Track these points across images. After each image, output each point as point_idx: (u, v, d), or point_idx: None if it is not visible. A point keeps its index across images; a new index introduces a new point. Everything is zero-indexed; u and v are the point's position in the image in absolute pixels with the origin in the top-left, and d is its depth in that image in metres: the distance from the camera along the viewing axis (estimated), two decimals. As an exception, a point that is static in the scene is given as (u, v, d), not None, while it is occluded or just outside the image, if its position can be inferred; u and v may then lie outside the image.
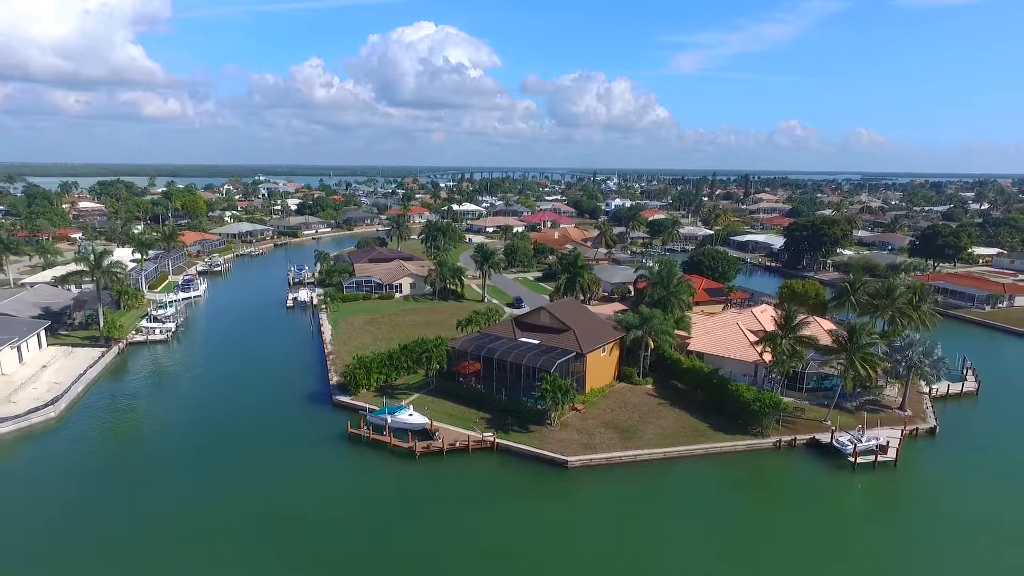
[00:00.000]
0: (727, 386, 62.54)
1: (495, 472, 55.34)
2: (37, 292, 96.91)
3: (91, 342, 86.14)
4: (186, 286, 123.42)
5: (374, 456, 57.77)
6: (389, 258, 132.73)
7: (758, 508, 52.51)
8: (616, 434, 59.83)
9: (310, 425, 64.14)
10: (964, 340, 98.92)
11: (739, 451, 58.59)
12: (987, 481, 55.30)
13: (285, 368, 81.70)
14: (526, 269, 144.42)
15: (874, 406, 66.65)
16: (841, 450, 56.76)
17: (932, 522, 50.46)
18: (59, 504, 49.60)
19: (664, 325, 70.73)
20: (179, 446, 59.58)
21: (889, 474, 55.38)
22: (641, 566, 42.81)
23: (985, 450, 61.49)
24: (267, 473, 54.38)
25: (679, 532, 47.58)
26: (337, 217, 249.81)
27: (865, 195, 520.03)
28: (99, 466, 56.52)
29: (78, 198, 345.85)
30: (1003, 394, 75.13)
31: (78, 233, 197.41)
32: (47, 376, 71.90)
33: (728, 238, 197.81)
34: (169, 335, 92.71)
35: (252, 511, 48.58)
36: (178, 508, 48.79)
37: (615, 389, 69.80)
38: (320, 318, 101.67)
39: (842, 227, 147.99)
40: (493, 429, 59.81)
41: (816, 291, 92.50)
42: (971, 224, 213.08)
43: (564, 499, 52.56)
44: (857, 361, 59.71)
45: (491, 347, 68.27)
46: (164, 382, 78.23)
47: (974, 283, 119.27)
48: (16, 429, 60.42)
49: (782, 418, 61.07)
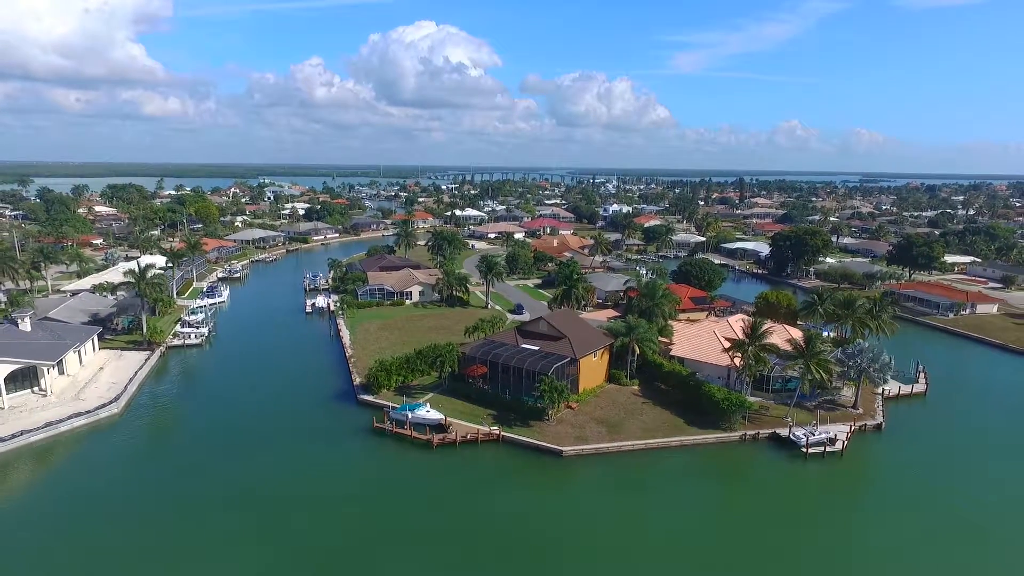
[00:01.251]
0: (701, 387, 72.19)
1: (500, 460, 64.98)
2: (82, 299, 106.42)
3: (135, 346, 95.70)
4: (211, 292, 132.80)
5: (397, 447, 67.35)
6: (399, 266, 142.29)
7: (724, 491, 62.30)
8: (604, 428, 69.46)
9: (338, 420, 73.70)
10: (926, 345, 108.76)
11: (710, 443, 68.24)
12: (922, 469, 65.04)
13: (310, 369, 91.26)
14: (526, 276, 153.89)
15: (831, 405, 76.26)
16: (796, 442, 66.40)
17: (868, 502, 60.12)
18: (133, 482, 59.22)
19: (648, 333, 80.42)
20: (223, 437, 68.99)
21: (835, 463, 65.05)
22: (626, 539, 52.30)
23: (925, 443, 71.28)
24: (303, 460, 63.91)
25: (658, 511, 57.14)
26: (344, 223, 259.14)
27: (859, 198, 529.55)
28: (158, 453, 66.26)
29: (90, 201, 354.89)
30: (950, 395, 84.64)
31: (99, 239, 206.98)
32: (105, 377, 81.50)
33: (719, 245, 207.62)
34: (203, 339, 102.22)
35: (292, 492, 57.91)
36: (227, 488, 58.23)
37: (605, 390, 79.41)
38: (338, 323, 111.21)
39: (823, 238, 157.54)
40: (499, 424, 69.39)
41: (788, 301, 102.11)
42: (953, 232, 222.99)
43: (559, 483, 62.14)
44: (812, 366, 69.43)
45: (496, 352, 77.93)
46: (204, 382, 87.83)
47: (940, 292, 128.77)
48: (88, 423, 69.98)
49: (748, 415, 70.73)
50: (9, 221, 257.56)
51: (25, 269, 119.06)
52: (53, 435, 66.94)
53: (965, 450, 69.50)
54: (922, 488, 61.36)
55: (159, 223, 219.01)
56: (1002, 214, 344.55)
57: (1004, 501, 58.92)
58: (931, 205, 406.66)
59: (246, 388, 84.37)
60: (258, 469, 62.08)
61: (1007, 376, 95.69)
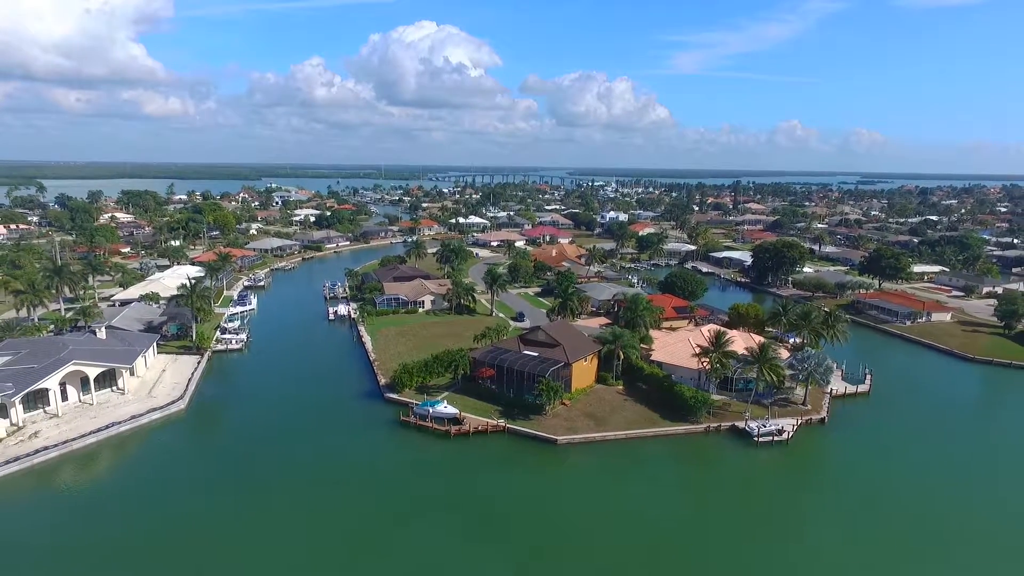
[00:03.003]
0: (673, 387, 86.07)
1: (505, 447, 78.86)
2: (135, 309, 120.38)
3: (185, 351, 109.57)
4: (241, 300, 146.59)
5: (420, 436, 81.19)
6: (411, 276, 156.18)
7: (690, 472, 76.32)
8: (592, 421, 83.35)
9: (369, 415, 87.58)
10: (882, 350, 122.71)
11: (680, 434, 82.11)
12: (854, 456, 78.94)
13: (338, 371, 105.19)
14: (527, 285, 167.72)
15: (784, 402, 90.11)
16: (750, 433, 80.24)
17: (807, 482, 74.11)
18: (202, 464, 73.21)
19: (631, 341, 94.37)
20: (272, 429, 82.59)
21: (782, 450, 78.92)
22: (609, 510, 65.96)
23: (860, 434, 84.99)
24: (343, 447, 77.75)
25: (635, 488, 70.86)
26: (354, 231, 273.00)
27: (852, 203, 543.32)
28: (220, 441, 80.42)
29: (109, 209, 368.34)
30: (891, 394, 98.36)
31: (127, 247, 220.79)
32: (167, 378, 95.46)
33: (708, 254, 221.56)
34: (243, 344, 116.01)
35: (336, 473, 71.74)
36: (281, 469, 71.89)
37: (594, 389, 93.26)
38: (359, 330, 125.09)
39: (799, 250, 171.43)
40: (504, 417, 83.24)
41: (756, 312, 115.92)
42: (929, 241, 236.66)
43: (554, 466, 75.94)
44: (765, 369, 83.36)
45: (502, 357, 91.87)
46: (249, 382, 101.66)
47: (900, 301, 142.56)
48: (161, 416, 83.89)
49: (712, 410, 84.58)
50: (38, 229, 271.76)
51: (77, 281, 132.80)
52: (135, 426, 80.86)
53: (894, 440, 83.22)
54: (852, 470, 75.34)
55: (181, 232, 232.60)
56: (982, 220, 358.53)
57: (922, 482, 72.65)
58: (917, 211, 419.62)
59: (285, 387, 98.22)
60: (305, 453, 75.94)
61: (946, 378, 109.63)
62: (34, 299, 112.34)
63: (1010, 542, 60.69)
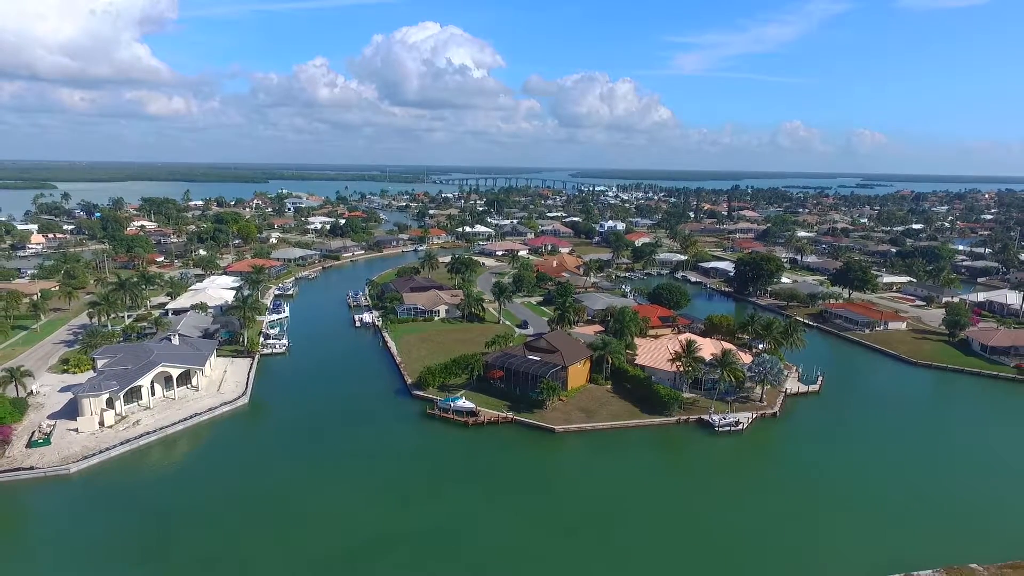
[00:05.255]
0: (651, 386, 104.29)
1: (513, 435, 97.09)
2: (191, 317, 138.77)
3: (237, 354, 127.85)
4: (276, 308, 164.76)
5: (442, 426, 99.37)
6: (426, 287, 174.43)
7: (662, 455, 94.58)
8: (584, 414, 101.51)
9: (399, 409, 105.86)
10: (840, 355, 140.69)
11: (655, 424, 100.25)
12: (799, 444, 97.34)
13: (369, 372, 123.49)
14: (530, 295, 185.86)
15: (745, 399, 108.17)
16: (712, 424, 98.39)
17: (757, 464, 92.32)
18: (268, 446, 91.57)
19: (618, 348, 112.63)
20: (318, 419, 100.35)
21: (738, 438, 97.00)
22: (597, 483, 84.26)
23: (806, 426, 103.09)
24: (379, 434, 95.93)
25: (619, 466, 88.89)
26: (368, 239, 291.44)
27: (844, 209, 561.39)
28: (279, 428, 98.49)
29: (126, 213, 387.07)
30: (839, 393, 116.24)
31: (160, 256, 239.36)
32: (229, 377, 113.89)
33: (697, 264, 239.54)
34: (285, 348, 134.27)
35: (377, 454, 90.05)
36: (332, 450, 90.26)
37: (586, 388, 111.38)
38: (384, 336, 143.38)
39: (776, 263, 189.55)
40: (512, 411, 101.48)
41: (727, 322, 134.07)
42: (906, 252, 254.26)
43: (553, 450, 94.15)
44: (726, 372, 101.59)
45: (509, 361, 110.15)
46: (294, 381, 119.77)
47: (861, 311, 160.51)
48: (230, 409, 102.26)
49: (682, 406, 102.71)
50: (74, 238, 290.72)
51: (138, 293, 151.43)
52: (211, 417, 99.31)
53: (833, 430, 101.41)
54: (794, 453, 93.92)
55: (210, 242, 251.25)
56: (961, 230, 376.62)
57: (850, 462, 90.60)
58: (905, 219, 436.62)
59: (325, 385, 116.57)
60: (350, 438, 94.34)
61: (889, 379, 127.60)
62: (109, 310, 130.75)
63: (909, 505, 78.77)
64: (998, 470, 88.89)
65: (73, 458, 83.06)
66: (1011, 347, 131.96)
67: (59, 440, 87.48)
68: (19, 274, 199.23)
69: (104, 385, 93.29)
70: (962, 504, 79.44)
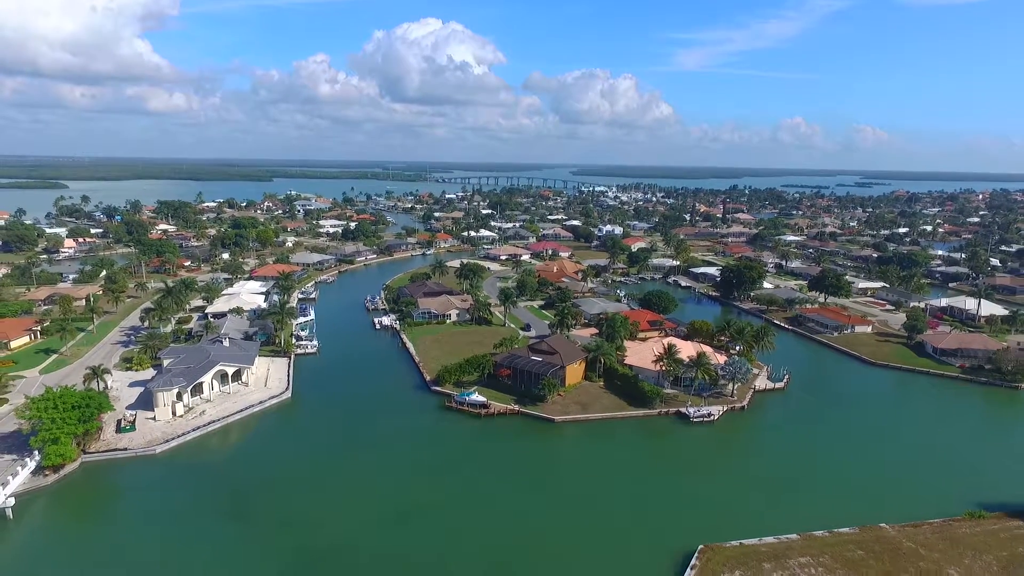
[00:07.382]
0: (637, 383, 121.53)
1: (519, 424, 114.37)
2: (231, 320, 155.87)
3: (275, 354, 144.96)
4: (303, 311, 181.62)
5: (458, 417, 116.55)
6: (438, 292, 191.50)
7: (645, 442, 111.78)
8: (580, 407, 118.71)
9: (420, 402, 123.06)
10: (809, 356, 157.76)
11: (640, 416, 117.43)
12: (764, 433, 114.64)
13: (391, 370, 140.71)
14: (533, 299, 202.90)
15: (719, 395, 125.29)
16: (688, 416, 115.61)
17: (726, 449, 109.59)
18: (311, 432, 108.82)
19: (609, 350, 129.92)
20: (351, 411, 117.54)
21: (710, 428, 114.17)
22: (590, 464, 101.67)
23: (770, 418, 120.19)
24: (404, 424, 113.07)
25: (608, 451, 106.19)
26: (379, 244, 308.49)
27: (836, 211, 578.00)
28: (319, 418, 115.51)
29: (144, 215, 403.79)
30: (803, 390, 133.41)
31: (188, 261, 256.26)
32: (273, 374, 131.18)
33: (688, 269, 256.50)
34: (316, 349, 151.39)
35: (402, 440, 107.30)
36: (364, 436, 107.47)
37: (582, 385, 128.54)
38: (403, 337, 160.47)
39: (758, 270, 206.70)
40: (518, 404, 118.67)
41: (707, 327, 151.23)
42: (886, 258, 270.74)
43: (553, 436, 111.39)
44: (700, 372, 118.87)
45: (515, 361, 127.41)
46: (326, 377, 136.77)
47: (832, 315, 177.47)
48: (277, 402, 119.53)
49: (664, 400, 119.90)
50: (103, 242, 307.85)
51: (183, 299, 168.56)
52: (263, 408, 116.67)
53: (793, 420, 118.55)
54: (758, 441, 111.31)
55: (233, 247, 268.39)
56: (942, 236, 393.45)
57: (805, 447, 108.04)
58: (893, 222, 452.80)
59: (354, 382, 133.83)
60: (381, 426, 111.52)
61: (848, 378, 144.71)
62: (162, 314, 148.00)
63: (859, 484, 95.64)
64: (922, 452, 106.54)
65: (156, 441, 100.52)
66: (958, 349, 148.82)
67: (140, 427, 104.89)
68: (62, 278, 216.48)
69: (174, 381, 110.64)
70: (884, 480, 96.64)
